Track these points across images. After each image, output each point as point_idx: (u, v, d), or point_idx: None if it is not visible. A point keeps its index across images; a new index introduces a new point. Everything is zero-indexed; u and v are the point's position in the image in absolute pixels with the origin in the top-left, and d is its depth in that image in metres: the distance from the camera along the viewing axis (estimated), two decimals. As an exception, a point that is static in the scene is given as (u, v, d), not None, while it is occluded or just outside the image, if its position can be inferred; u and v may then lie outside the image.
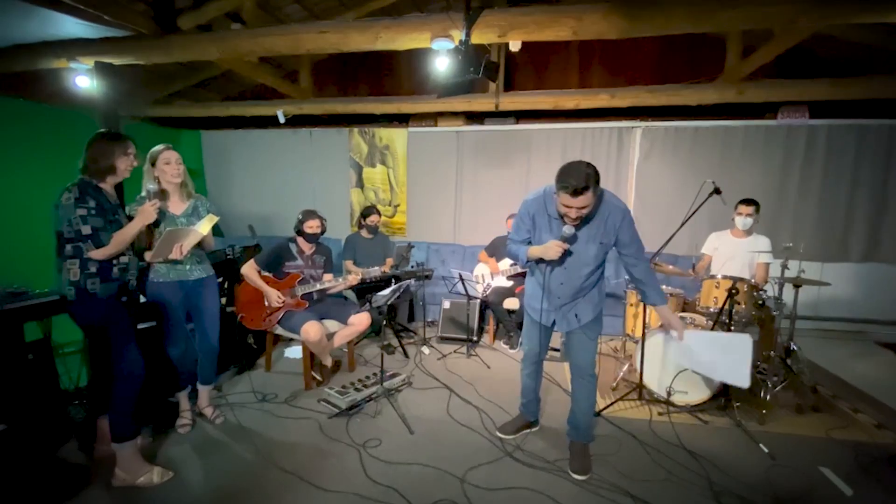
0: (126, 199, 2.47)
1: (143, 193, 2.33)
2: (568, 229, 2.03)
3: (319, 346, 3.07)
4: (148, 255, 2.33)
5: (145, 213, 2.14)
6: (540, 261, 2.20)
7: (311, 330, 2.98)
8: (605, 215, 2.09)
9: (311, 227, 3.26)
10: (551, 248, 2.04)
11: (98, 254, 2.02)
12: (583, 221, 2.06)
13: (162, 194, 2.33)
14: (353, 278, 3.33)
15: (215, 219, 2.44)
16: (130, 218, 2.17)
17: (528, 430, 2.67)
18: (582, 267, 2.17)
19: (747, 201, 3.32)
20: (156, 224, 2.32)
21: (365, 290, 4.03)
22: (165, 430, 2.58)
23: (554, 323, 2.37)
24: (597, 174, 1.93)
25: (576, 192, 1.90)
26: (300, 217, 3.28)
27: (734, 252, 3.39)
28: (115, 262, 2.10)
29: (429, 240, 5.66)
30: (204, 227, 2.39)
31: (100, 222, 2.02)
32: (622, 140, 5.03)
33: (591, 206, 1.99)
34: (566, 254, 2.11)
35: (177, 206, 2.46)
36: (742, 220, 3.33)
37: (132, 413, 2.12)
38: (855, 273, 4.72)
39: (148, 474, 2.13)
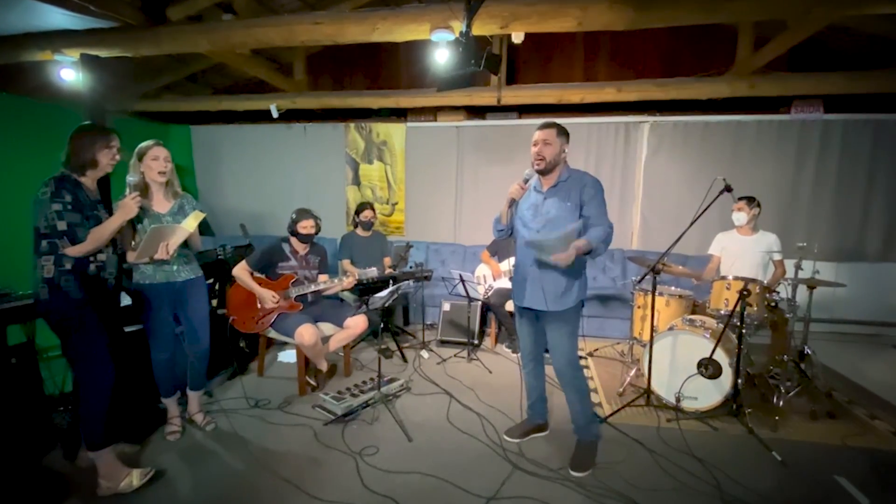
0: (113, 197, 2.47)
1: (127, 191, 2.32)
2: (528, 172, 2.33)
3: (314, 350, 3.07)
4: (131, 256, 2.32)
5: (126, 207, 2.11)
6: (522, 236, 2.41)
7: (306, 333, 2.98)
8: (575, 180, 2.30)
9: (305, 227, 3.26)
10: (512, 188, 2.32)
11: (74, 250, 2.01)
12: (554, 186, 2.32)
13: (144, 189, 2.33)
14: (350, 280, 3.33)
15: (201, 215, 2.43)
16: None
17: (536, 434, 2.68)
18: (554, 230, 2.26)
19: (741, 198, 3.42)
20: (138, 220, 2.32)
21: (362, 292, 4.03)
22: (154, 438, 2.58)
23: (538, 317, 2.43)
24: (565, 130, 2.32)
25: (539, 127, 2.30)
26: (293, 217, 3.28)
27: (742, 250, 3.42)
28: (91, 258, 2.09)
29: (428, 239, 5.66)
30: (190, 224, 2.38)
31: (76, 218, 2.01)
32: (629, 136, 5.03)
33: (554, 156, 2.27)
34: (538, 219, 2.33)
35: (162, 204, 2.46)
36: (736, 216, 3.43)
37: (105, 419, 2.11)
38: (871, 273, 4.72)
39: (128, 478, 2.13)
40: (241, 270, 3.19)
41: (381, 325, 3.77)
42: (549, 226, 2.30)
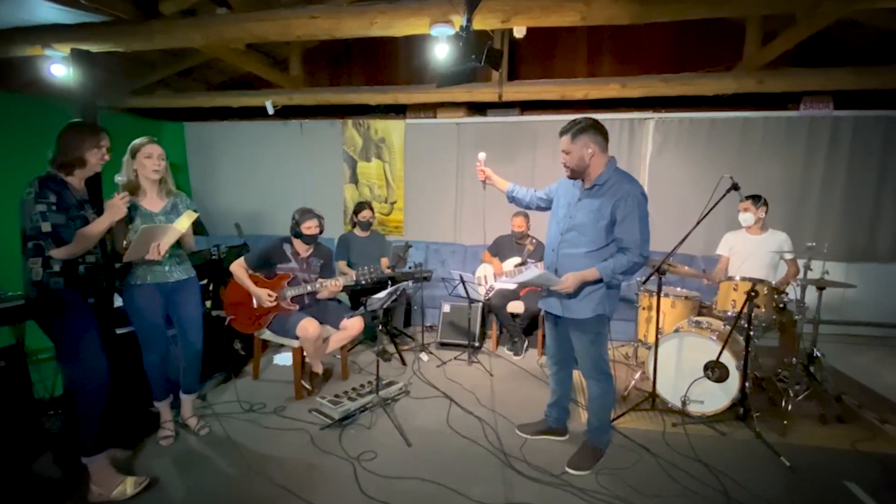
0: (105, 195, 2.46)
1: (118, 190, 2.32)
2: (482, 154, 2.58)
3: (315, 346, 3.06)
4: (123, 254, 2.32)
5: (114, 208, 2.11)
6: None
7: (310, 326, 2.98)
8: (613, 188, 2.22)
9: (309, 228, 3.23)
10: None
11: (60, 252, 2.01)
12: (590, 188, 2.28)
13: (136, 188, 2.34)
14: (335, 283, 3.26)
15: (194, 215, 2.44)
16: None
17: (549, 437, 2.70)
18: (578, 237, 2.27)
19: (746, 197, 3.37)
20: (129, 220, 2.32)
21: (359, 293, 4.03)
22: (146, 442, 2.57)
23: (557, 321, 2.47)
24: (587, 125, 2.23)
25: (559, 133, 2.29)
26: (296, 217, 3.24)
27: (751, 251, 3.42)
28: (81, 259, 2.09)
29: (428, 239, 5.66)
30: (182, 224, 2.38)
31: (61, 219, 2.01)
32: (634, 133, 5.03)
33: (577, 162, 2.25)
34: (566, 220, 2.34)
35: (154, 203, 2.46)
36: (743, 217, 3.43)
37: (99, 424, 2.11)
38: (882, 274, 4.72)
39: (121, 486, 2.12)
40: (237, 267, 3.18)
41: (379, 327, 3.76)
42: (573, 231, 2.29)
